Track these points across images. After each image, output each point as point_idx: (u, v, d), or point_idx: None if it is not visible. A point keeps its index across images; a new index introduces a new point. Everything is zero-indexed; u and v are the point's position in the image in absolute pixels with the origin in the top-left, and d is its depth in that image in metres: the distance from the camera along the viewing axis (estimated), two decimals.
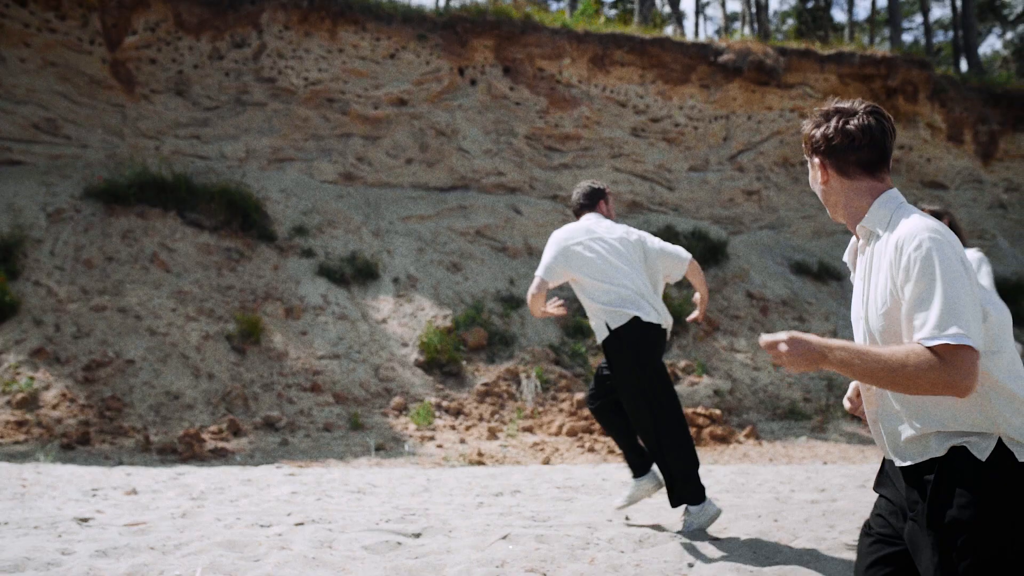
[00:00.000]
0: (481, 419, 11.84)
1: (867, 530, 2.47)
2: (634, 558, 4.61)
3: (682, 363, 13.98)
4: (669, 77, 18.40)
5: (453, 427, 11.43)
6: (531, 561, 4.47)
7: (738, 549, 4.80)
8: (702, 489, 5.11)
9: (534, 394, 12.59)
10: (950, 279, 2.11)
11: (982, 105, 20.25)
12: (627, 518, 5.56)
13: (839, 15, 45.95)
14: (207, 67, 15.89)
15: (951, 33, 41.83)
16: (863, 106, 2.42)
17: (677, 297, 15.21)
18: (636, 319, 5.12)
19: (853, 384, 2.71)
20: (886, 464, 2.46)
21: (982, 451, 2.16)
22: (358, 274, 14.17)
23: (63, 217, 13.40)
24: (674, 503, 5.15)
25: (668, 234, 17.10)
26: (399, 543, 4.73)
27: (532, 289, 5.31)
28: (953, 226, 5.31)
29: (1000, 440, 2.16)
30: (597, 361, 13.79)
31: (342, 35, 16.53)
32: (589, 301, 5.28)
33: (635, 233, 5.47)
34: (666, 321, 5.30)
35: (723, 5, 33.60)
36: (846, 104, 2.44)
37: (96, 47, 15.18)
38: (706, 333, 14.96)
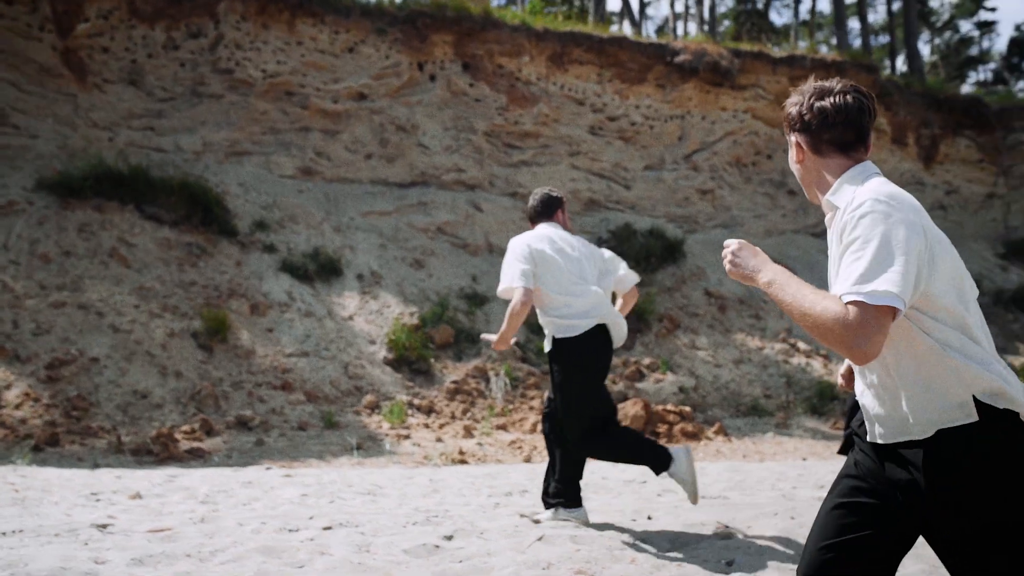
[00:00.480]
0: (454, 417, 11.79)
1: (849, 471, 2.38)
2: (673, 558, 4.64)
3: (646, 360, 14.10)
4: (626, 76, 18.54)
5: (427, 425, 11.36)
6: (575, 563, 4.47)
7: (770, 547, 4.86)
8: (579, 493, 5.35)
9: (504, 392, 12.58)
10: (886, 241, 2.06)
11: (924, 109, 20.85)
12: (649, 517, 5.60)
13: (776, 18, 46.79)
14: (162, 57, 15.49)
15: (884, 37, 43.01)
16: (840, 84, 2.38)
17: (639, 295, 15.34)
18: (588, 333, 5.08)
19: (846, 362, 2.71)
20: (857, 441, 2.41)
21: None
22: (321, 270, 13.98)
23: (15, 210, 12.94)
24: (551, 503, 5.33)
25: (626, 232, 17.27)
26: (437, 546, 4.69)
27: (516, 303, 5.03)
28: None
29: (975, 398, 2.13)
30: None
31: (300, 27, 16.27)
32: (543, 313, 5.20)
33: (590, 246, 5.42)
34: (619, 338, 5.26)
35: (672, 4, 33.92)
36: (824, 83, 2.40)
37: (46, 34, 14.68)
38: (668, 331, 15.13)
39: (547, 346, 5.22)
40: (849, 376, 2.99)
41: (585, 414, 5.11)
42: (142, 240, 13.15)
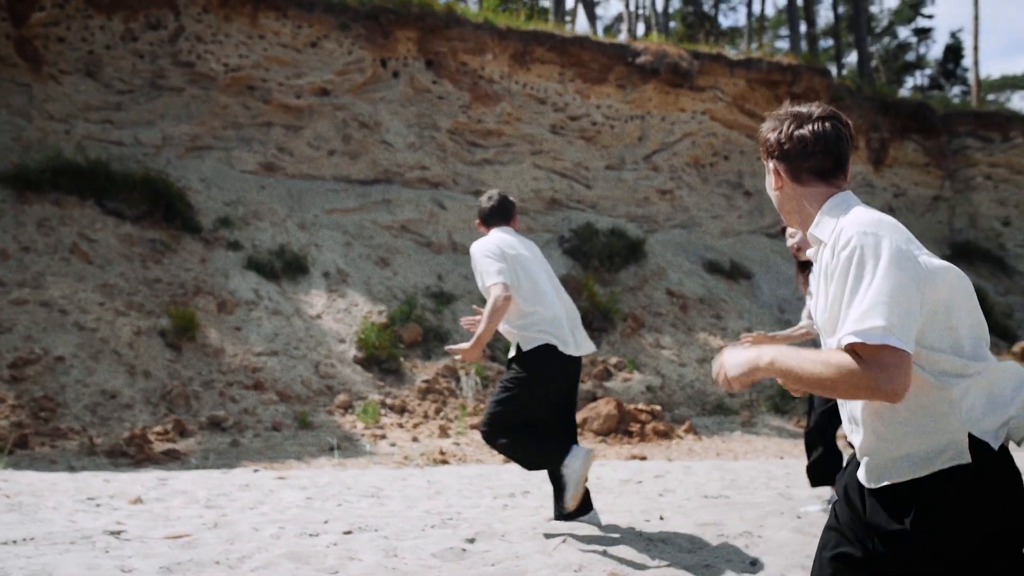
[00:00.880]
0: (427, 417, 11.74)
1: (834, 521, 2.30)
2: (699, 559, 4.69)
3: (613, 359, 14.20)
4: (588, 76, 18.63)
5: (401, 425, 11.30)
6: (606, 565, 4.49)
7: (787, 547, 4.94)
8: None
9: (475, 391, 12.56)
10: (878, 274, 1.97)
11: (874, 114, 21.34)
12: (661, 517, 5.64)
13: (722, 19, 47.36)
14: (120, 48, 15.12)
15: (826, 41, 43.87)
16: (819, 110, 2.31)
17: (604, 294, 15.47)
18: (552, 347, 4.92)
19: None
20: (849, 483, 2.29)
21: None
22: (288, 268, 13.80)
23: None
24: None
25: (588, 232, 17.37)
26: (463, 549, 4.68)
27: (499, 299, 4.80)
28: None
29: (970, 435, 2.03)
30: None
31: (263, 21, 16.02)
32: (509, 321, 5.00)
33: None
34: (585, 349, 5.11)
35: (627, 4, 34.12)
36: (802, 108, 2.33)
37: (0, 22, 14.24)
38: (632, 330, 15.25)
39: (512, 352, 5.06)
40: None
41: (511, 424, 4.94)
42: (104, 236, 12.84)
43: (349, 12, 16.80)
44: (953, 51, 47.51)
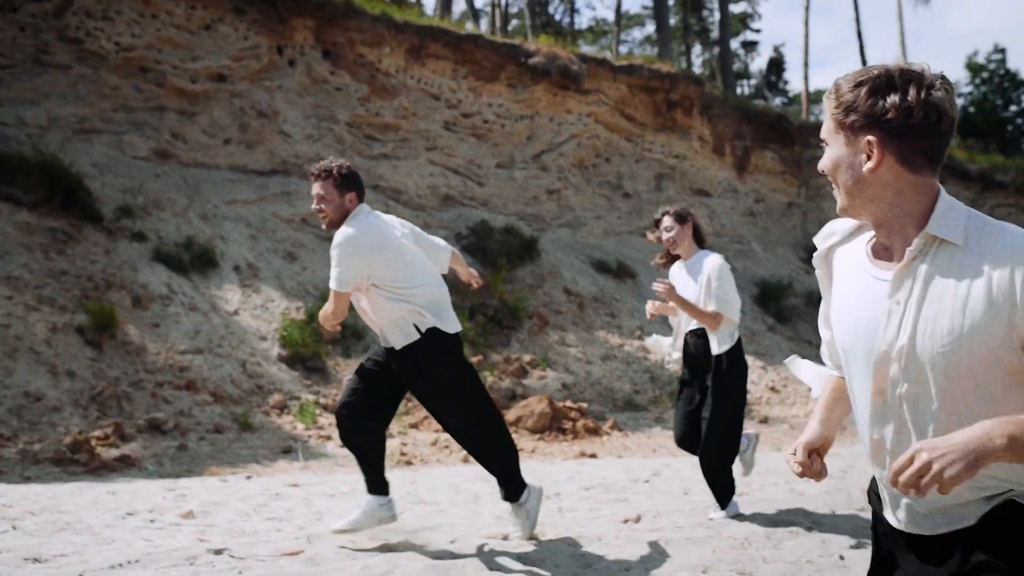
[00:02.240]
0: None
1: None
2: (782, 554, 4.94)
3: (527, 357, 14.43)
4: (480, 74, 18.74)
5: None
6: (725, 563, 4.70)
7: (857, 535, 5.29)
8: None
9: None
10: None
11: (738, 122, 22.57)
12: (711, 518, 5.89)
13: (562, 16, 48.46)
14: None
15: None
16: (935, 74, 1.78)
17: (509, 292, 15.66)
18: (438, 329, 4.79)
19: (805, 439, 2.09)
20: (885, 536, 2.01)
21: None
22: (197, 261, 13.19)
23: None
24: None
25: (484, 229, 17.50)
26: (517, 553, 4.75)
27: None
28: (696, 228, 5.80)
29: None
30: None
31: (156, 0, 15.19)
32: (393, 303, 4.80)
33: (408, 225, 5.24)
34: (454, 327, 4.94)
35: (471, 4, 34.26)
36: (914, 67, 1.78)
37: None
38: (539, 328, 15.53)
39: (399, 341, 4.84)
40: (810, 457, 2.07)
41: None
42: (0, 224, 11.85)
43: None
44: (776, 64, 50.65)
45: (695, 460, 5.98)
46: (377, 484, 4.94)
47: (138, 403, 10.22)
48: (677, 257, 5.94)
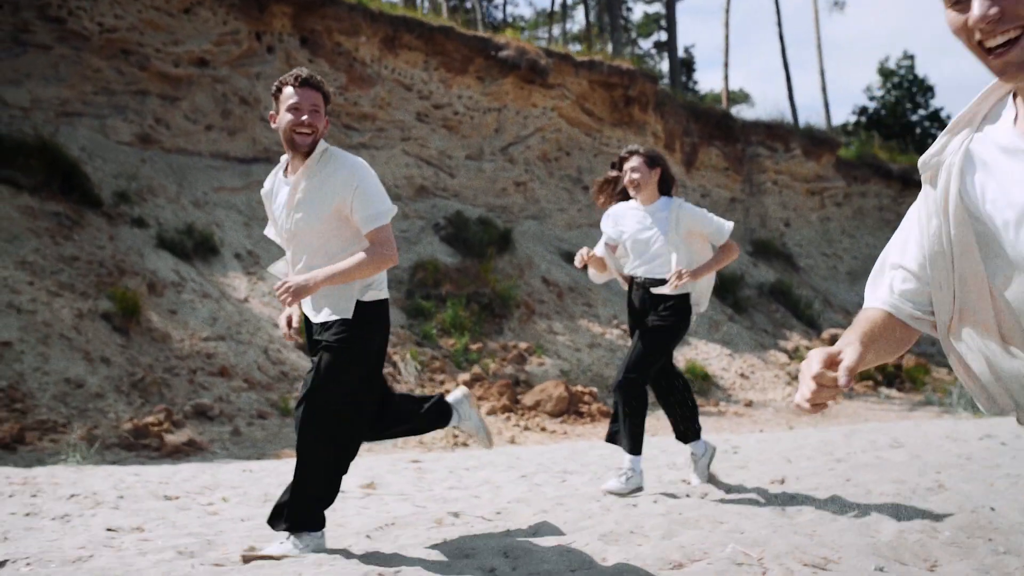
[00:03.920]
0: None
1: None
2: (827, 539, 5.34)
3: (523, 345, 14.64)
4: (451, 66, 18.85)
5: None
6: (792, 548, 5.06)
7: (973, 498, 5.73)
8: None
9: (416, 376, 12.53)
10: None
11: (687, 119, 23.27)
12: (782, 480, 6.26)
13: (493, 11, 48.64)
14: None
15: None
16: None
17: (498, 281, 15.85)
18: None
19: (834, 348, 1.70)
20: None
21: None
22: (199, 248, 12.94)
23: None
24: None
25: (459, 220, 17.64)
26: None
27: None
28: (664, 175, 5.26)
29: None
30: (450, 343, 14.00)
31: None
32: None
33: None
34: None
35: None
36: None
37: None
38: (527, 317, 15.76)
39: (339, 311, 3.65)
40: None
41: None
42: (3, 207, 11.38)
43: None
44: (685, 64, 52.08)
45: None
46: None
47: (177, 389, 10.02)
48: (624, 197, 5.45)
